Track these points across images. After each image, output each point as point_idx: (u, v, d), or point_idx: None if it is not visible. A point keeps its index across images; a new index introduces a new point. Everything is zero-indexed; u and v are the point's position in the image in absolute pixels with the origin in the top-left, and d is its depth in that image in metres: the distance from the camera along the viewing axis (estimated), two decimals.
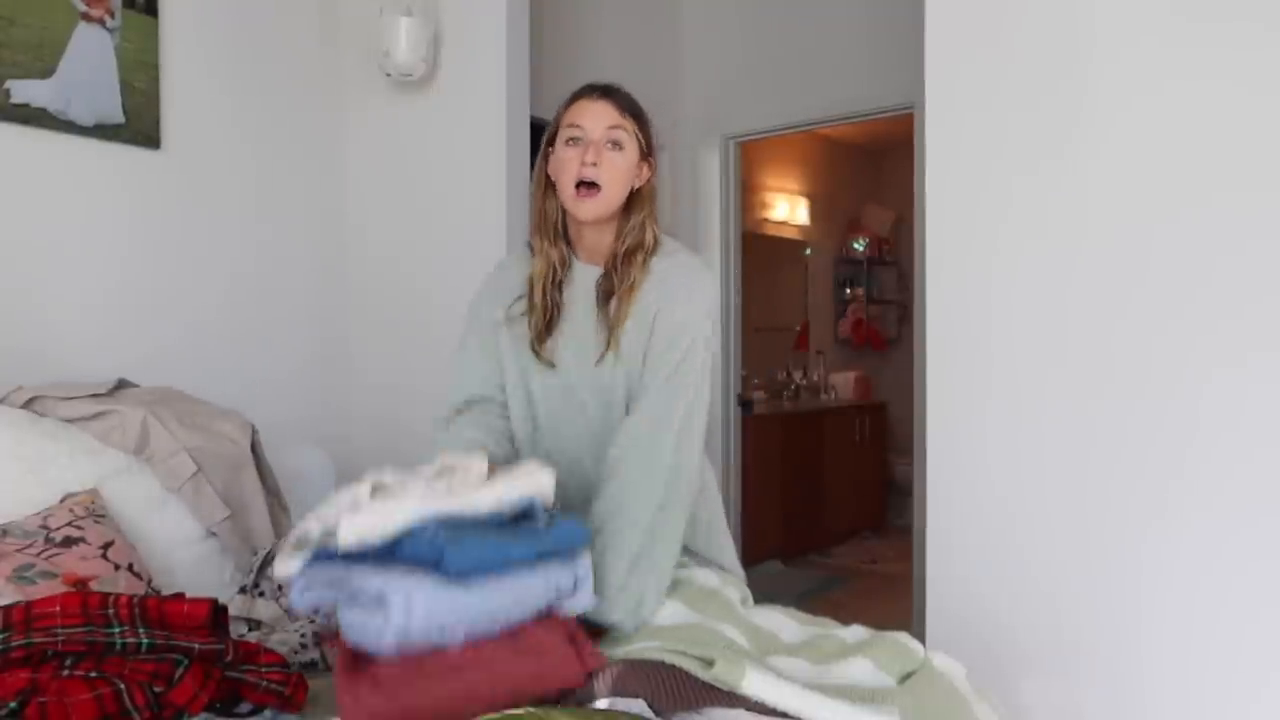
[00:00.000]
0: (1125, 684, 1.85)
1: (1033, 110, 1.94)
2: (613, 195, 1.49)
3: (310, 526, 1.12)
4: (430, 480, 1.16)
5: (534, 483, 1.20)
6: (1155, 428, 1.82)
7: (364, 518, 1.08)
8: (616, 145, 1.48)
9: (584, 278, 1.55)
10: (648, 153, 1.54)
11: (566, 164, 1.48)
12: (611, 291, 1.51)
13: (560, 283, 1.55)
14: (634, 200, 1.52)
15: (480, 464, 1.21)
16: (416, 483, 1.14)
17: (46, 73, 2.27)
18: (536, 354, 1.54)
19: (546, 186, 1.55)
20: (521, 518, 1.19)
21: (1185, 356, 1.80)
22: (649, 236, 1.52)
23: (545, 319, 1.53)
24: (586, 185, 1.47)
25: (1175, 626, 1.81)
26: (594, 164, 1.46)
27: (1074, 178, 1.90)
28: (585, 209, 1.48)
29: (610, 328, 1.49)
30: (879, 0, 3.56)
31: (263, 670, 1.27)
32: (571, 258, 1.56)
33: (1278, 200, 1.72)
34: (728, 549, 1.65)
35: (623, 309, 1.49)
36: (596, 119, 1.48)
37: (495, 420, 1.59)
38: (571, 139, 1.49)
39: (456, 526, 1.11)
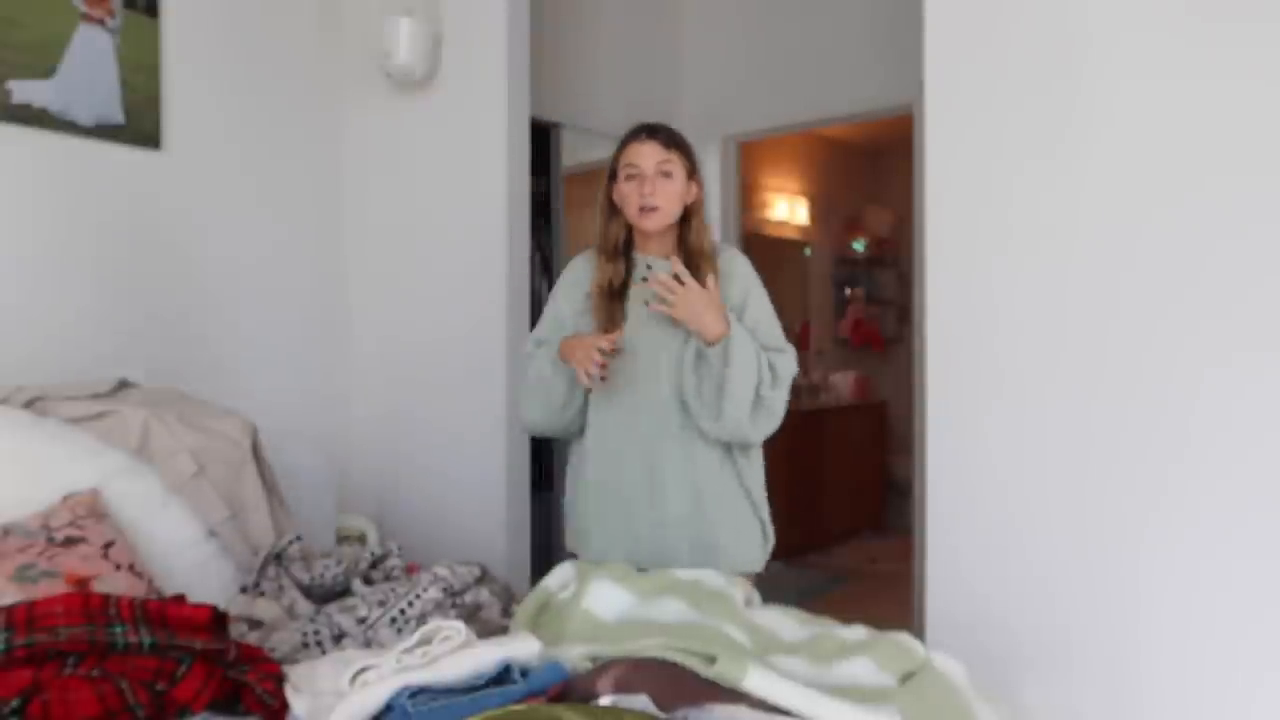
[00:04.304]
0: (1124, 683, 1.85)
1: (1032, 110, 1.94)
2: (669, 211, 1.84)
3: (299, 710, 1.22)
4: (407, 650, 1.24)
5: (513, 647, 1.26)
6: (1152, 428, 1.83)
7: (346, 706, 1.16)
8: (666, 175, 1.82)
9: (656, 268, 1.86)
10: (692, 174, 1.88)
11: (629, 196, 1.84)
12: None
13: (619, 290, 1.87)
14: (688, 213, 1.88)
15: (461, 629, 1.27)
16: (389, 658, 1.22)
17: (47, 73, 2.27)
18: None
19: (611, 212, 1.89)
20: (499, 680, 1.22)
21: (1180, 356, 1.80)
22: (706, 240, 1.88)
23: (605, 319, 1.85)
24: (648, 208, 1.82)
25: (1173, 625, 1.81)
26: (651, 193, 1.81)
27: (1073, 177, 1.90)
28: (649, 223, 1.84)
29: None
30: (879, 1, 3.57)
31: (260, 677, 1.27)
32: (638, 257, 1.91)
33: (1270, 195, 1.72)
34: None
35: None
36: (648, 157, 1.82)
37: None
38: (630, 175, 1.83)
39: (430, 696, 1.16)
